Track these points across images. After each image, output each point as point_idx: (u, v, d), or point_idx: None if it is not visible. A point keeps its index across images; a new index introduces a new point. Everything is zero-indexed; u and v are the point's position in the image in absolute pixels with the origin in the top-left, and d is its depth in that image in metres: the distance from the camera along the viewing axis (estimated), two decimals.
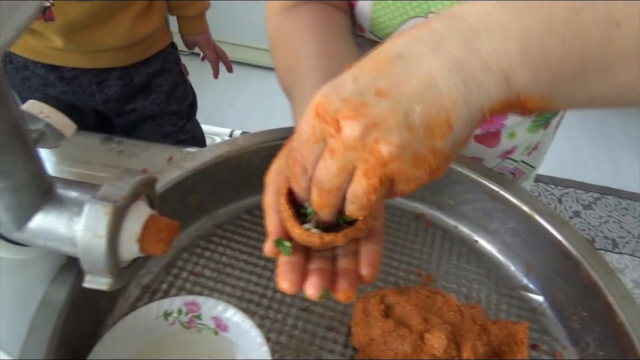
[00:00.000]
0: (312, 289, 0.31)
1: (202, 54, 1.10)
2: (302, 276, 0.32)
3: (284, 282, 0.32)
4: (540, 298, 0.55)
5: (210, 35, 1.08)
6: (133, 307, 0.49)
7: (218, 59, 1.10)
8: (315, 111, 0.27)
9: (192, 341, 0.46)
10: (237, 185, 0.59)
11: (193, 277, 0.53)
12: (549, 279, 0.54)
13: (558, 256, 0.52)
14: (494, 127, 0.64)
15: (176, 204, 0.55)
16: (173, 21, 1.02)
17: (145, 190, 0.40)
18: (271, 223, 0.34)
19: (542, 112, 0.66)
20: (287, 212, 0.33)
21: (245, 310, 0.50)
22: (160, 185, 0.52)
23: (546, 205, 0.54)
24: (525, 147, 0.69)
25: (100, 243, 0.35)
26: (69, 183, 0.38)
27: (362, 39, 0.58)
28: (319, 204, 0.30)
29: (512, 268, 0.58)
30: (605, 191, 2.02)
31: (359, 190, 0.27)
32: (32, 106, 0.42)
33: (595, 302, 0.48)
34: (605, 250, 1.78)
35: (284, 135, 0.58)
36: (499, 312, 0.54)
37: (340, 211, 0.31)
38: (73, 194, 0.38)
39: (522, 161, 0.72)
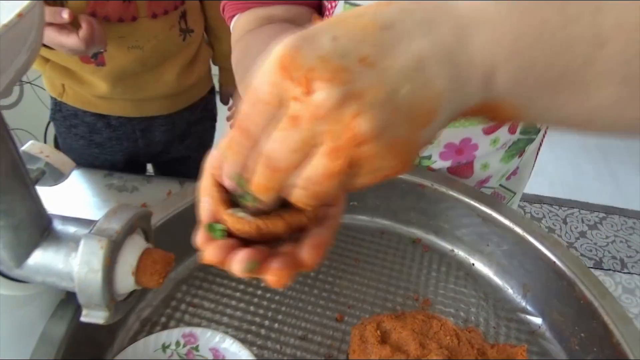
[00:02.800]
0: (236, 264, 0.26)
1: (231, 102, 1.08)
2: (229, 254, 0.27)
3: (207, 255, 0.27)
4: (538, 320, 0.55)
5: None
6: (132, 341, 0.50)
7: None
8: (280, 64, 0.21)
9: None
10: None
11: (192, 308, 0.54)
12: (546, 301, 0.54)
13: (553, 277, 0.52)
14: (464, 159, 0.63)
15: (176, 236, 0.56)
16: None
17: (140, 224, 0.41)
18: (203, 208, 0.28)
19: (516, 143, 0.66)
20: (216, 196, 0.27)
21: (243, 341, 0.51)
22: (160, 218, 0.54)
23: (539, 226, 0.54)
24: (500, 175, 0.69)
25: (96, 277, 0.36)
26: (67, 219, 0.40)
27: None
28: (264, 186, 0.24)
29: (510, 290, 0.58)
30: (610, 210, 2.01)
31: (316, 172, 0.22)
32: (32, 146, 0.44)
33: (592, 323, 0.48)
34: (614, 271, 1.76)
35: None
36: (498, 335, 0.54)
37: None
38: (71, 229, 0.39)
39: (501, 185, 0.72)
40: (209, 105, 0.99)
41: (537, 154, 0.76)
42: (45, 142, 0.96)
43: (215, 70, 0.99)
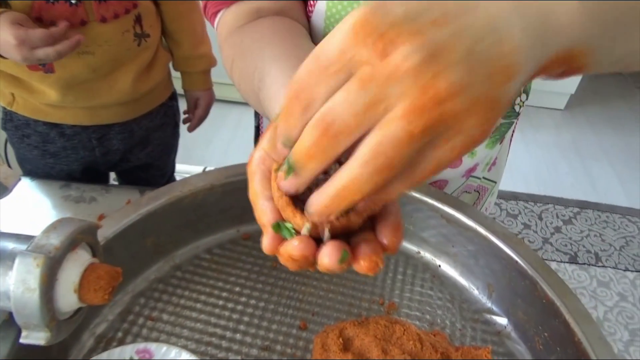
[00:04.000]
0: (327, 257, 0.25)
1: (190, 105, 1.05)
2: (313, 251, 0.26)
3: (292, 251, 0.26)
4: (504, 320, 0.54)
5: (214, 94, 1.03)
6: (87, 358, 0.48)
7: (203, 119, 1.06)
8: (354, 30, 0.21)
9: None
10: (195, 224, 0.59)
11: (150, 322, 0.52)
12: (511, 301, 0.53)
13: (516, 277, 0.51)
14: None
15: (132, 247, 0.54)
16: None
17: (84, 239, 0.39)
18: (265, 211, 0.27)
19: (498, 128, 0.67)
20: (283, 199, 0.26)
21: (203, 354, 0.49)
22: (113, 230, 0.52)
23: (501, 226, 0.54)
24: (485, 163, 0.70)
25: (33, 296, 0.34)
26: (4, 235, 0.38)
27: None
28: (313, 151, 0.22)
29: (475, 291, 0.57)
30: (584, 205, 2.04)
31: (389, 137, 0.20)
32: None
33: (555, 322, 0.47)
34: (589, 265, 1.78)
35: (238, 172, 0.58)
36: (464, 337, 0.53)
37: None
38: (9, 246, 0.37)
39: (484, 177, 0.73)
40: (170, 111, 0.97)
41: (510, 142, 0.77)
42: (5, 153, 0.93)
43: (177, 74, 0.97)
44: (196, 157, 2.03)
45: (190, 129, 1.06)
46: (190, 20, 0.89)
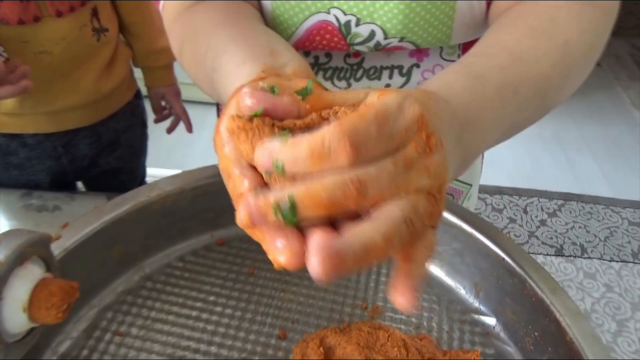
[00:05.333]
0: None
1: (166, 110, 1.01)
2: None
3: (283, 254, 0.23)
4: (492, 320, 0.52)
5: (179, 88, 0.99)
6: None
7: (186, 113, 1.02)
8: (420, 120, 0.25)
9: None
10: (165, 231, 0.55)
11: (118, 338, 0.49)
12: (499, 300, 0.51)
13: (503, 274, 0.50)
14: None
15: (96, 258, 0.51)
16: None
17: (35, 252, 0.36)
18: (241, 179, 0.26)
19: None
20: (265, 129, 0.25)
21: None
22: (75, 240, 0.48)
23: (486, 222, 0.52)
24: None
25: None
26: None
27: None
28: (332, 202, 0.22)
29: (462, 291, 0.55)
30: (568, 197, 2.05)
31: (421, 210, 0.24)
32: None
33: (545, 321, 0.45)
34: (575, 257, 1.79)
35: (209, 173, 0.55)
36: (451, 340, 0.51)
37: None
38: None
39: (456, 179, 0.70)
40: (137, 110, 0.93)
41: None
42: None
43: (138, 72, 0.93)
44: (174, 162, 1.98)
45: (170, 130, 1.02)
46: (147, 12, 0.85)
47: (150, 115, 1.03)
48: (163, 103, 1.00)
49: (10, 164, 0.82)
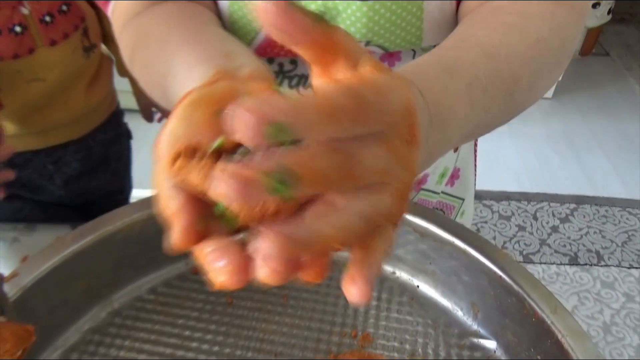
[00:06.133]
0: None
1: (159, 114, 1.05)
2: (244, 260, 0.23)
3: (223, 274, 0.23)
4: (492, 343, 0.52)
5: None
6: None
7: None
8: (408, 106, 0.24)
9: None
10: (134, 261, 0.55)
11: None
12: (498, 321, 0.52)
13: (501, 294, 0.50)
14: None
15: (59, 294, 0.51)
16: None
17: None
18: (178, 200, 0.25)
19: None
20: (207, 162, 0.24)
21: None
22: (33, 276, 0.48)
23: (480, 237, 0.52)
24: (439, 175, 0.68)
25: None
26: None
27: None
28: (325, 175, 0.22)
29: (459, 312, 0.55)
30: (581, 200, 2.06)
31: (382, 206, 0.24)
32: None
33: (547, 342, 0.46)
34: (591, 265, 1.79)
35: None
36: None
37: None
38: None
39: (444, 193, 0.70)
40: (121, 119, 0.96)
41: (475, 150, 0.75)
42: None
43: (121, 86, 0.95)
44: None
45: None
46: None
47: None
48: (153, 109, 1.04)
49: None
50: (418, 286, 0.58)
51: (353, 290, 0.24)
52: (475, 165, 0.76)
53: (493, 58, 0.39)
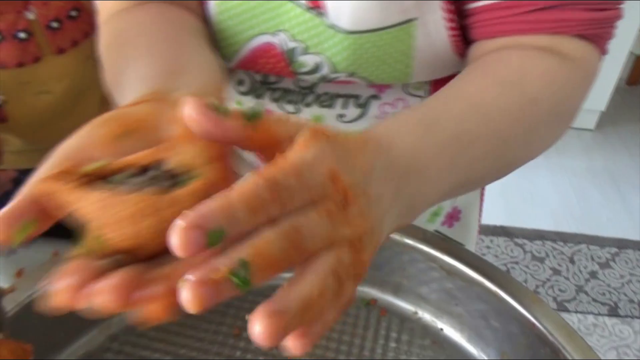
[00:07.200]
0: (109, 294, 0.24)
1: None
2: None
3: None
4: None
5: None
6: None
7: None
8: (331, 174, 0.28)
9: None
10: None
11: None
12: None
13: (534, 343, 0.50)
14: None
15: (55, 314, 0.52)
16: None
17: None
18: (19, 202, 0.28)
19: None
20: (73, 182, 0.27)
21: None
22: (30, 292, 0.50)
23: (512, 279, 0.53)
24: (431, 212, 0.69)
25: None
26: None
27: None
28: (278, 259, 0.25)
29: None
30: (623, 244, 2.05)
31: (342, 266, 0.28)
32: None
33: None
34: (632, 317, 1.77)
35: None
36: None
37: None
38: None
39: (437, 231, 0.71)
40: None
41: (483, 192, 0.76)
42: None
43: None
44: None
45: None
46: None
47: None
48: None
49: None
50: (442, 329, 0.59)
51: (300, 343, 0.26)
52: (481, 209, 0.77)
53: (482, 115, 0.42)
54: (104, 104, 0.84)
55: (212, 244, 0.23)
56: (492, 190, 1.07)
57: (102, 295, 0.24)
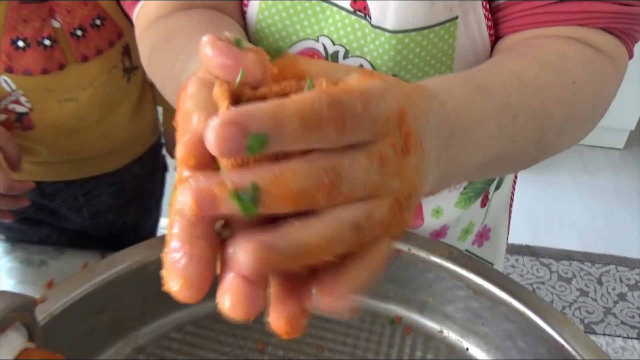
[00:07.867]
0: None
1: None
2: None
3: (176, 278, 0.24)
4: None
5: None
6: None
7: None
8: (400, 114, 0.25)
9: None
10: (162, 296, 0.57)
11: None
12: None
13: None
14: None
15: (84, 325, 0.53)
16: None
17: (18, 318, 0.38)
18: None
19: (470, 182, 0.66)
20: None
21: None
22: (61, 304, 0.51)
23: (540, 299, 0.52)
24: (462, 230, 0.68)
25: None
26: None
27: None
28: (300, 195, 0.22)
29: None
30: None
31: (378, 217, 0.24)
32: None
33: None
34: None
35: None
36: None
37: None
38: None
39: (470, 252, 0.70)
40: (159, 154, 0.97)
41: (510, 210, 0.75)
42: None
43: None
44: None
45: None
46: None
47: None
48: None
49: (25, 215, 0.83)
50: (467, 349, 0.58)
51: (325, 301, 0.23)
52: (509, 227, 0.76)
53: (526, 88, 0.41)
54: (135, 117, 0.85)
55: (251, 150, 0.21)
56: (518, 208, 1.06)
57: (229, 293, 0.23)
